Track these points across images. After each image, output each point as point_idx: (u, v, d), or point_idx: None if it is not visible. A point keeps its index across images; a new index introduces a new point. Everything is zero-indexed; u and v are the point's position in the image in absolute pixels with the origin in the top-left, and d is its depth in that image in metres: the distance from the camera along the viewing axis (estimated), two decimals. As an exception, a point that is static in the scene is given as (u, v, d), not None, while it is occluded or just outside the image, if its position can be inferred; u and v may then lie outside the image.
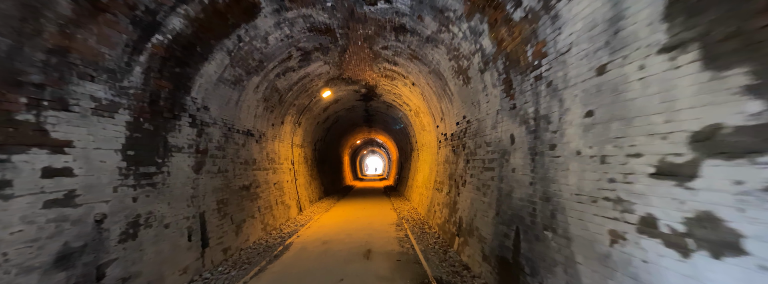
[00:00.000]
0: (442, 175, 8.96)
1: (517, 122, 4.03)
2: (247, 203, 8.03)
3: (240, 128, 7.88)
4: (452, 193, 7.37)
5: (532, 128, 3.59)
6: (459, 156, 7.12)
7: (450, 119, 8.10)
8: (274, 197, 10.15)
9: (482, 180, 5.41)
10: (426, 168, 12.21)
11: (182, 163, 5.40)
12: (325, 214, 12.32)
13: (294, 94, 10.62)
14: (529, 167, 3.62)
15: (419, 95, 10.36)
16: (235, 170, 7.58)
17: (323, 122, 15.83)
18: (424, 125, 12.04)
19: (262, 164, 9.52)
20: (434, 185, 9.97)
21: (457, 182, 7.05)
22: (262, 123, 9.36)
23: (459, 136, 7.19)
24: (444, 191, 8.41)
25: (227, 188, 7.09)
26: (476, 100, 5.82)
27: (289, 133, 12.13)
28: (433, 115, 10.06)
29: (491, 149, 5.07)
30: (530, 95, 3.62)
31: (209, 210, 6.21)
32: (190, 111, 5.62)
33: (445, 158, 8.78)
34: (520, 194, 3.81)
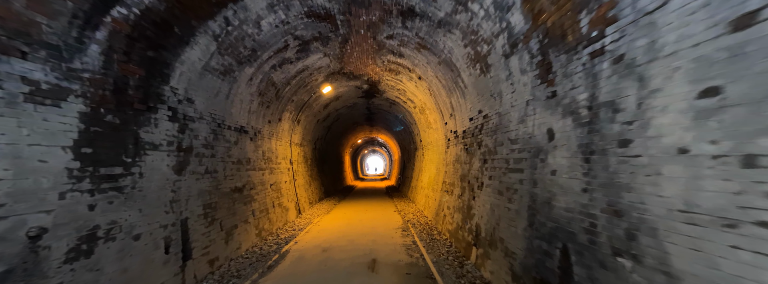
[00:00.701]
0: (452, 176, 8.16)
1: (559, 114, 3.23)
2: (239, 207, 7.24)
3: (232, 124, 7.08)
4: (466, 196, 6.57)
5: (583, 120, 2.79)
6: (473, 155, 6.32)
7: (461, 115, 7.30)
8: (271, 200, 9.36)
9: (506, 183, 4.61)
10: (432, 168, 11.41)
11: (159, 163, 4.61)
12: (326, 216, 11.53)
13: (292, 89, 9.82)
14: (579, 169, 2.82)
15: (426, 89, 9.56)
16: (225, 170, 6.79)
17: (323, 119, 15.04)
18: (430, 123, 11.24)
19: (258, 163, 8.73)
20: (442, 187, 9.17)
21: (472, 184, 6.26)
22: (257, 120, 8.57)
23: (473, 133, 6.39)
24: (455, 193, 7.61)
25: (216, 191, 6.30)
26: (497, 91, 5.02)
27: (287, 131, 11.34)
28: (441, 111, 9.26)
29: (518, 146, 4.27)
30: (582, 77, 2.82)
31: (193, 216, 5.42)
32: (170, 103, 4.83)
33: (456, 158, 7.98)
34: (566, 203, 3.01)
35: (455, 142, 8.10)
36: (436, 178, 10.54)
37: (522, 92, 4.17)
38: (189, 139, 5.43)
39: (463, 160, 7.14)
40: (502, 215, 4.61)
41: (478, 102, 5.96)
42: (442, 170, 9.70)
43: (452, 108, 7.99)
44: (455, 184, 7.67)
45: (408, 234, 8.34)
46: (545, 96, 3.54)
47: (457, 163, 7.82)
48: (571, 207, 2.91)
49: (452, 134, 8.48)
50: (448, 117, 8.61)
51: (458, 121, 7.68)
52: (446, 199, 8.43)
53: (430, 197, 10.73)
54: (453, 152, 8.39)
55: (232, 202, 6.93)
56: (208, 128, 6.10)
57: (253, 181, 8.32)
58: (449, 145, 8.86)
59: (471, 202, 6.11)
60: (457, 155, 7.89)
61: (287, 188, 11.13)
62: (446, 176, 8.88)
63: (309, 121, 13.44)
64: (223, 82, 6.28)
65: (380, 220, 10.65)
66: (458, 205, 7.07)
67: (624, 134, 2.28)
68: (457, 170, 7.66)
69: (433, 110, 10.19)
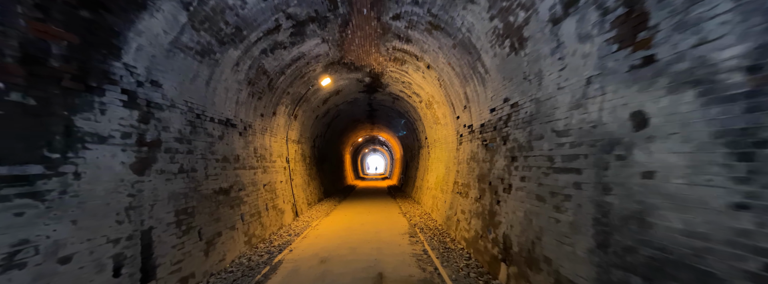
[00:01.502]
0: (467, 176, 7.08)
1: (661, 88, 2.15)
2: (225, 211, 6.16)
3: (215, 115, 6.00)
4: (486, 200, 5.49)
5: (733, 92, 1.71)
6: (496, 152, 5.24)
7: (479, 107, 6.21)
8: (264, 202, 8.28)
9: (549, 187, 3.53)
10: (440, 167, 10.32)
11: (109, 160, 3.53)
12: (325, 219, 10.45)
13: (287, 79, 8.73)
14: (722, 171, 1.74)
15: (435, 80, 8.47)
16: (208, 169, 5.71)
17: (323, 115, 13.95)
18: (438, 118, 10.15)
19: (248, 161, 7.65)
20: (454, 188, 8.09)
21: (494, 186, 5.17)
22: (247, 112, 7.49)
23: (495, 126, 5.31)
24: (471, 196, 6.52)
25: (195, 193, 5.23)
26: (533, 71, 3.94)
27: (282, 126, 10.25)
28: (452, 104, 8.17)
29: (570, 139, 3.20)
30: (730, 21, 1.73)
31: (161, 225, 4.34)
32: (125, 84, 3.74)
33: (471, 156, 6.89)
34: (685, 223, 1.93)
35: (470, 138, 7.01)
36: (445, 178, 9.46)
37: (578, 68, 3.08)
38: (155, 131, 4.35)
39: (481, 158, 6.05)
40: (545, 227, 3.52)
41: (503, 89, 4.87)
42: (452, 169, 8.62)
43: (467, 99, 6.90)
44: (471, 185, 6.58)
45: (417, 241, 7.26)
46: (628, 66, 2.45)
47: (472, 161, 6.73)
48: (701, 232, 1.83)
49: (466, 129, 7.40)
50: (461, 110, 7.52)
51: (474, 113, 6.59)
52: (460, 202, 7.35)
53: (439, 199, 9.64)
54: (467, 149, 7.30)
55: (215, 206, 5.85)
56: (184, 118, 5.01)
57: (243, 181, 7.24)
58: (462, 141, 7.78)
59: (495, 207, 5.02)
60: (472, 152, 6.81)
61: (283, 188, 10.06)
62: (459, 177, 7.79)
63: (307, 117, 12.35)
64: (202, 65, 5.20)
65: (384, 224, 9.57)
66: (476, 210, 5.99)
67: None
68: (473, 170, 6.58)
69: (442, 104, 9.10)
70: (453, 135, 8.76)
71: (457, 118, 8.12)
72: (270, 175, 9.05)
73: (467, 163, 7.16)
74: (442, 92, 8.68)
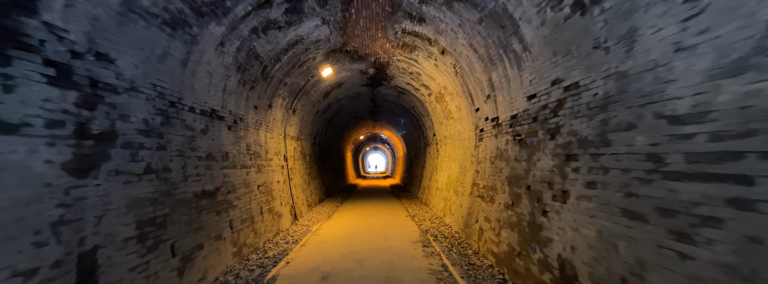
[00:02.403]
0: (491, 177, 6.00)
1: None
2: (209, 218, 5.08)
3: (196, 105, 4.91)
4: (524, 208, 4.40)
5: None
6: (537, 149, 4.15)
7: (510, 94, 5.13)
8: (258, 205, 7.19)
9: (658, 201, 2.44)
10: (453, 167, 9.24)
11: (23, 158, 2.44)
12: (327, 223, 9.37)
13: (284, 67, 7.64)
14: None
15: (450, 67, 7.38)
16: (186, 168, 4.63)
17: (324, 111, 12.85)
18: (451, 112, 9.06)
19: (240, 159, 6.56)
20: (473, 191, 7.01)
21: (536, 191, 4.08)
22: (237, 103, 6.39)
23: (536, 117, 4.22)
24: (498, 201, 5.44)
25: (168, 198, 4.14)
26: (618, 33, 2.85)
27: (280, 121, 9.15)
28: (470, 95, 7.08)
29: (716, 128, 2.12)
30: None
31: (114, 243, 3.25)
32: (50, 53, 2.65)
33: (497, 153, 5.81)
34: None
35: (495, 132, 5.92)
36: (459, 179, 8.37)
37: (737, 6, 2.00)
38: (107, 120, 3.26)
39: (513, 156, 4.97)
40: (653, 260, 2.44)
41: (551, 68, 3.78)
42: (469, 169, 7.54)
43: (491, 87, 5.81)
44: (498, 189, 5.50)
45: (433, 253, 6.18)
46: None
47: (498, 160, 5.65)
48: None
49: (488, 123, 6.31)
50: (483, 101, 6.43)
51: (502, 104, 5.51)
52: (482, 207, 6.26)
53: (453, 202, 8.56)
54: (490, 145, 6.22)
55: (196, 212, 4.77)
56: (151, 106, 3.92)
57: (233, 182, 6.15)
58: (483, 137, 6.69)
59: (539, 219, 3.93)
60: (498, 149, 5.72)
61: (281, 189, 8.97)
62: (479, 178, 6.71)
63: (307, 111, 11.25)
64: (174, 40, 4.10)
65: (392, 228, 8.49)
66: (508, 219, 4.90)
67: None
68: (500, 171, 5.50)
69: (457, 95, 8.01)
70: (470, 130, 7.67)
71: (475, 111, 7.03)
72: (265, 175, 7.96)
73: (491, 162, 6.07)
74: (457, 82, 7.58)
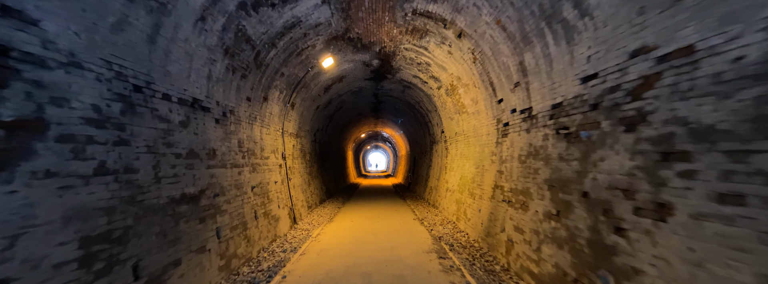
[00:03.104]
0: (521, 180, 5.09)
1: None
2: (189, 228, 4.16)
3: (172, 91, 3.98)
4: (581, 222, 3.48)
5: None
6: (600, 145, 3.24)
7: (551, 78, 4.22)
8: (252, 209, 6.27)
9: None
10: (467, 166, 8.33)
11: None
12: (329, 227, 8.45)
13: (280, 54, 6.71)
14: None
15: (467, 53, 6.46)
16: (160, 167, 3.71)
17: (324, 106, 11.92)
18: (464, 106, 8.15)
19: (230, 157, 5.64)
20: (495, 194, 6.10)
21: (601, 201, 3.17)
22: (226, 93, 5.47)
23: (597, 103, 3.30)
24: (534, 209, 4.54)
25: (131, 206, 3.23)
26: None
27: (277, 116, 8.23)
28: (492, 84, 6.17)
29: None
30: None
31: (40, 270, 2.33)
32: None
33: (529, 151, 4.90)
34: None
35: (527, 125, 5.02)
36: (475, 179, 7.47)
37: None
38: (29, 103, 2.34)
39: (557, 154, 4.06)
40: None
41: (631, 34, 2.85)
42: (490, 169, 6.63)
43: (523, 72, 4.90)
44: (534, 193, 4.60)
45: (451, 267, 5.28)
46: None
47: (533, 159, 4.75)
48: None
49: (516, 116, 5.40)
50: (510, 89, 5.52)
51: (538, 91, 4.60)
52: (509, 214, 5.36)
53: (468, 206, 7.65)
54: (519, 141, 5.31)
55: (172, 221, 3.85)
56: (104, 89, 3.00)
57: (222, 183, 5.24)
58: (508, 132, 5.78)
59: (612, 239, 3.00)
60: (532, 146, 4.81)
61: (278, 190, 8.05)
62: (504, 179, 5.80)
63: (306, 106, 10.32)
64: (134, 4, 3.17)
65: (400, 234, 7.59)
66: (555, 233, 3.99)
67: None
68: (535, 172, 4.60)
69: (473, 86, 7.10)
70: (489, 125, 6.76)
71: (498, 102, 6.12)
72: (261, 174, 7.04)
73: (520, 161, 5.17)
74: (474, 71, 6.67)
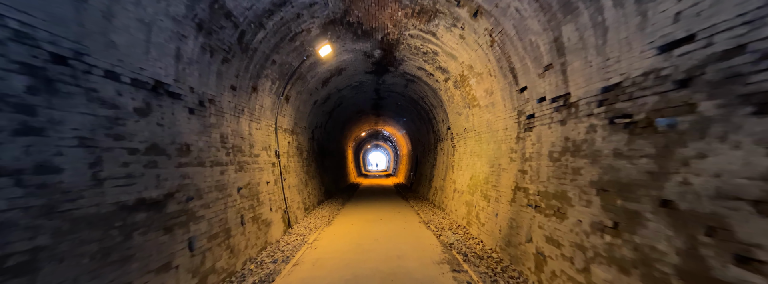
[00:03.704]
0: (553, 180, 4.15)
1: None
2: (148, 241, 3.22)
3: (120, 69, 3.02)
4: (664, 242, 2.54)
5: None
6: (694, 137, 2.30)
7: (605, 53, 3.28)
8: (237, 213, 5.32)
9: None
10: (479, 164, 7.38)
11: None
12: (327, 231, 7.51)
13: (270, 38, 5.75)
14: None
15: (484, 35, 5.51)
16: (102, 166, 2.78)
17: (323, 101, 10.97)
18: (476, 98, 7.20)
19: (210, 154, 4.69)
20: (519, 198, 5.15)
21: (702, 215, 2.23)
22: (204, 79, 4.51)
23: (687, 79, 2.35)
24: (574, 217, 3.60)
25: (50, 219, 2.28)
26: None
27: (269, 109, 7.27)
28: (513, 69, 5.22)
29: None
30: None
31: None
32: None
33: (566, 146, 3.96)
34: None
35: (562, 116, 4.07)
36: (489, 180, 6.52)
37: None
38: None
39: (612, 150, 3.12)
40: None
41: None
42: (508, 168, 5.68)
43: (559, 50, 3.95)
44: (574, 198, 3.65)
45: (468, 283, 4.34)
46: None
47: (572, 156, 3.80)
48: None
49: (546, 105, 4.46)
50: (537, 74, 4.57)
51: (580, 72, 3.65)
52: (538, 222, 4.41)
53: (482, 209, 6.70)
54: (549, 135, 4.37)
55: (120, 234, 2.92)
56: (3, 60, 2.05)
57: (198, 184, 4.30)
58: (533, 124, 4.83)
59: (733, 272, 2.05)
60: (571, 140, 3.87)
61: (271, 191, 7.10)
62: (528, 180, 4.86)
63: (303, 101, 9.36)
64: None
65: (405, 240, 6.65)
66: (613, 251, 3.04)
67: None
68: (575, 172, 3.66)
69: (489, 74, 6.15)
70: (507, 119, 5.81)
71: (519, 91, 5.17)
72: (250, 174, 6.09)
73: (552, 159, 4.22)
74: (491, 56, 5.72)
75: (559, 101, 4.14)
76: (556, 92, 4.16)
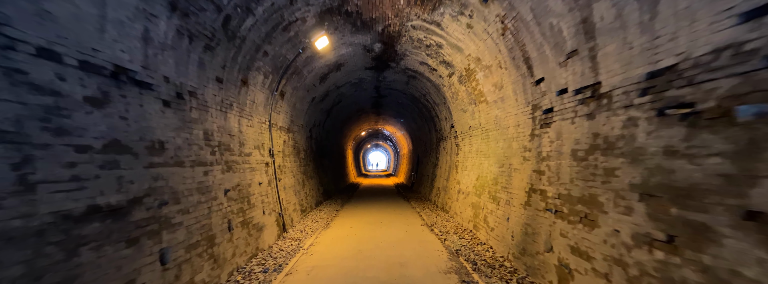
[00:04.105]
0: (579, 183, 3.55)
1: None
2: (100, 258, 2.60)
3: (61, 46, 2.39)
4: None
5: None
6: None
7: (649, 32, 2.68)
8: (224, 218, 4.71)
9: None
10: (486, 164, 6.76)
11: None
12: (324, 235, 6.89)
13: (260, 25, 5.14)
14: None
15: (495, 22, 4.90)
16: (34, 166, 2.15)
17: (321, 99, 10.35)
18: (483, 93, 6.58)
19: (191, 152, 4.08)
20: (535, 201, 4.53)
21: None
22: (182, 67, 3.90)
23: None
24: (608, 225, 3.00)
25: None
26: None
27: (262, 105, 6.66)
28: (528, 59, 4.61)
29: None
30: None
31: None
32: None
33: (590, 144, 3.36)
34: None
35: (590, 109, 3.46)
36: (499, 180, 5.91)
37: None
38: None
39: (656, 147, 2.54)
40: None
41: None
42: (521, 168, 5.07)
43: (587, 33, 3.34)
44: (608, 204, 3.05)
45: (484, 298, 3.73)
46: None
47: (602, 155, 3.20)
48: None
49: (568, 98, 3.85)
50: (558, 63, 3.95)
51: (618, 56, 3.04)
52: (560, 229, 3.81)
53: (490, 212, 6.09)
54: (572, 132, 3.76)
55: (60, 253, 2.31)
56: None
57: (175, 187, 3.69)
58: (552, 119, 4.22)
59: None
60: (600, 137, 3.27)
61: (264, 192, 6.49)
62: (546, 181, 4.25)
63: (300, 97, 8.75)
64: None
65: (408, 245, 6.03)
66: (665, 270, 2.44)
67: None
68: (608, 174, 3.06)
69: (499, 67, 5.53)
70: (519, 114, 5.20)
71: (535, 83, 4.56)
72: (239, 175, 5.48)
73: (577, 158, 3.61)
74: (502, 46, 5.11)
75: (585, 92, 3.52)
76: (582, 82, 3.55)
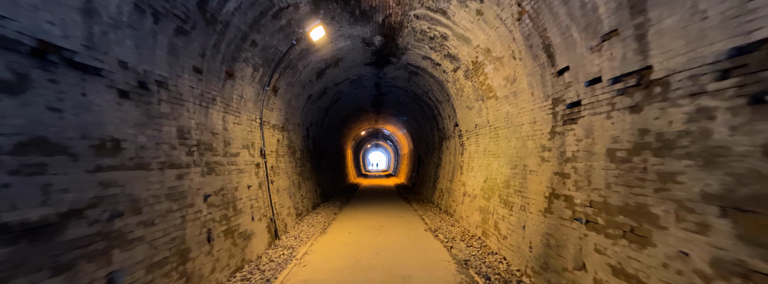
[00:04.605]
0: (616, 189, 2.85)
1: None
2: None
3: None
4: None
5: None
6: None
7: None
8: (202, 227, 4.01)
9: None
10: (496, 165, 6.06)
11: None
12: (320, 241, 6.18)
13: (245, 10, 4.43)
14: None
15: (511, 6, 4.19)
16: None
17: (318, 96, 9.65)
18: (492, 88, 5.89)
19: (160, 153, 3.38)
20: (557, 208, 3.83)
21: None
22: (146, 51, 3.19)
23: None
24: (676, 247, 2.32)
25: None
26: None
27: (251, 100, 5.95)
28: (549, 47, 3.91)
29: None
30: None
31: None
32: None
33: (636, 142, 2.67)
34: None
35: (635, 100, 2.77)
36: (510, 183, 5.21)
37: None
38: None
39: (742, 146, 1.83)
40: None
41: None
42: (538, 170, 4.37)
43: (634, 7, 2.64)
44: (662, 218, 2.38)
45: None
46: None
47: (654, 156, 2.52)
48: None
49: (602, 88, 3.16)
50: (590, 47, 3.26)
51: (678, 32, 2.35)
52: (592, 243, 3.11)
53: (501, 218, 5.38)
54: (608, 128, 3.07)
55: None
56: None
57: (136, 194, 2.99)
58: (580, 115, 3.52)
59: None
60: (651, 134, 2.59)
61: (254, 196, 5.79)
62: (569, 186, 3.56)
63: (295, 94, 8.05)
64: None
65: (411, 253, 5.33)
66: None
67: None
68: (666, 180, 2.38)
69: (512, 57, 4.84)
70: (536, 109, 4.50)
71: (557, 73, 3.86)
72: (223, 177, 4.78)
73: (616, 160, 2.92)
74: (517, 33, 4.41)
75: (626, 81, 2.83)
76: (623, 69, 2.85)
